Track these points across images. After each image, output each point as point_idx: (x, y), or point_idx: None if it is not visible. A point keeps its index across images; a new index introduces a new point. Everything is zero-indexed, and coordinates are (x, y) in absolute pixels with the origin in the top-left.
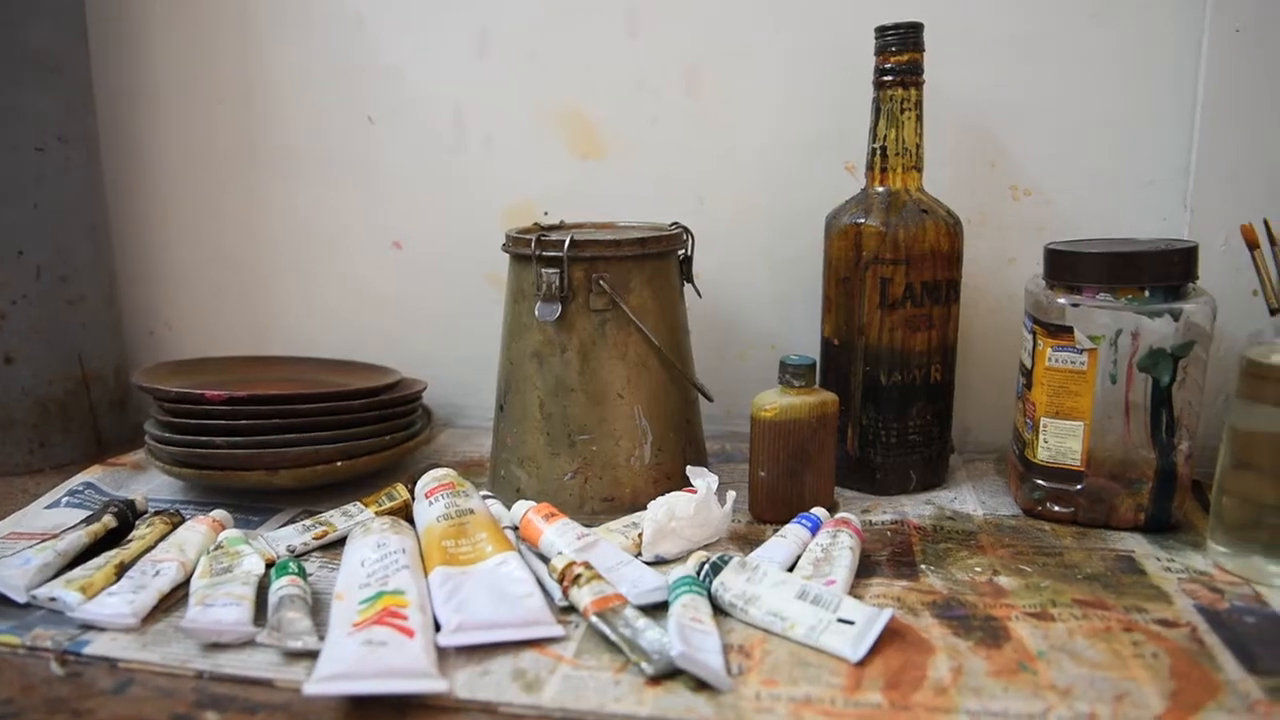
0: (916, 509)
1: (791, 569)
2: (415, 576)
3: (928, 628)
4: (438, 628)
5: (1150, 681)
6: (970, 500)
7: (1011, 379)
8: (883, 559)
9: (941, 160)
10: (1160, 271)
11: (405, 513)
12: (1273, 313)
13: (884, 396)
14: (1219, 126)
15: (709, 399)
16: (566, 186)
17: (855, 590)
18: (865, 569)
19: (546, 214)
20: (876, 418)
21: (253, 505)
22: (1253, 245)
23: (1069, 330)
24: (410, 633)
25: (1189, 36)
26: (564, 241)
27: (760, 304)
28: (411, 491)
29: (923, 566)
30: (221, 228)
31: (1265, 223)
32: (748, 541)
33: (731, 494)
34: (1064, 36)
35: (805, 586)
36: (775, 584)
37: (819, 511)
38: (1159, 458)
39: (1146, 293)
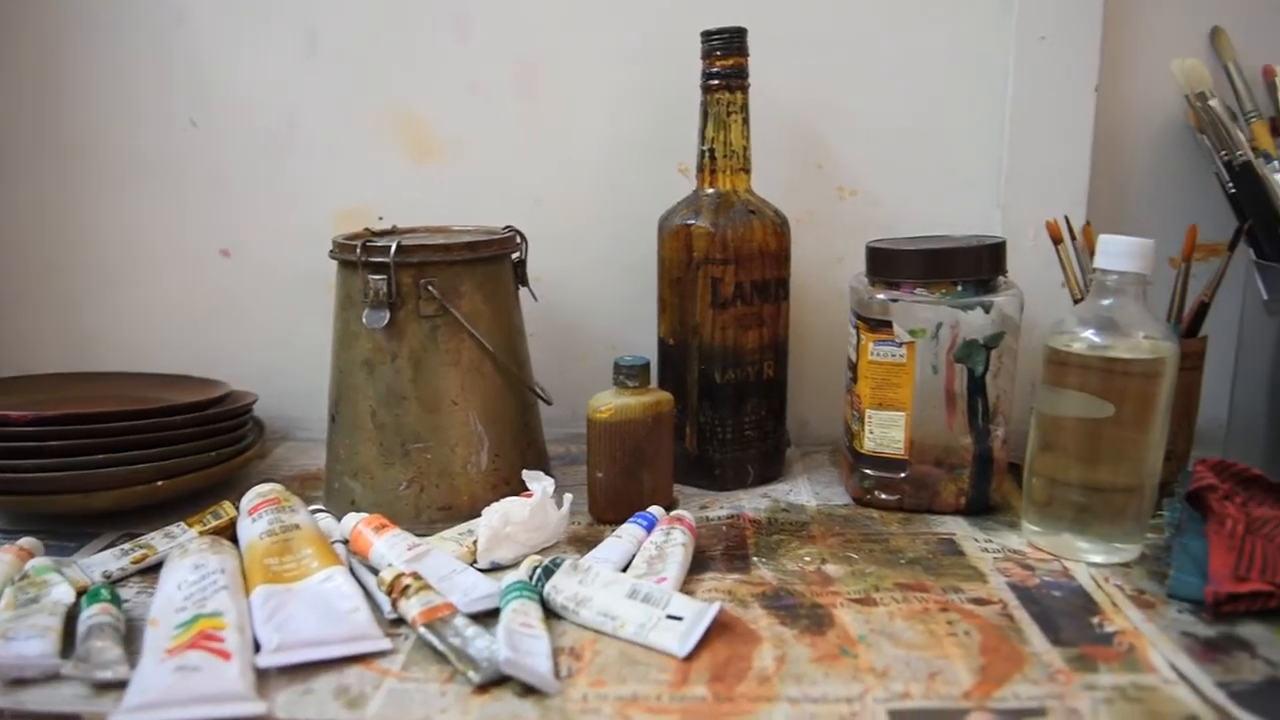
0: (753, 503)
1: (627, 568)
2: (235, 597)
3: (756, 619)
4: (258, 648)
5: (961, 658)
6: (805, 492)
7: (844, 373)
8: (717, 553)
9: (771, 161)
10: (971, 267)
11: (231, 531)
12: (1076, 302)
13: (719, 394)
14: (1026, 129)
15: (548, 402)
16: (402, 191)
17: (688, 586)
18: (700, 564)
19: (381, 219)
20: (713, 415)
21: (70, 531)
22: (1057, 240)
23: (888, 325)
24: (227, 655)
25: (1000, 43)
26: (390, 247)
27: (600, 306)
28: (238, 509)
29: (755, 559)
30: (35, 237)
31: (1066, 219)
32: (587, 543)
33: (569, 496)
34: (887, 41)
35: (636, 585)
36: (607, 584)
37: (656, 510)
38: (976, 443)
39: (959, 287)
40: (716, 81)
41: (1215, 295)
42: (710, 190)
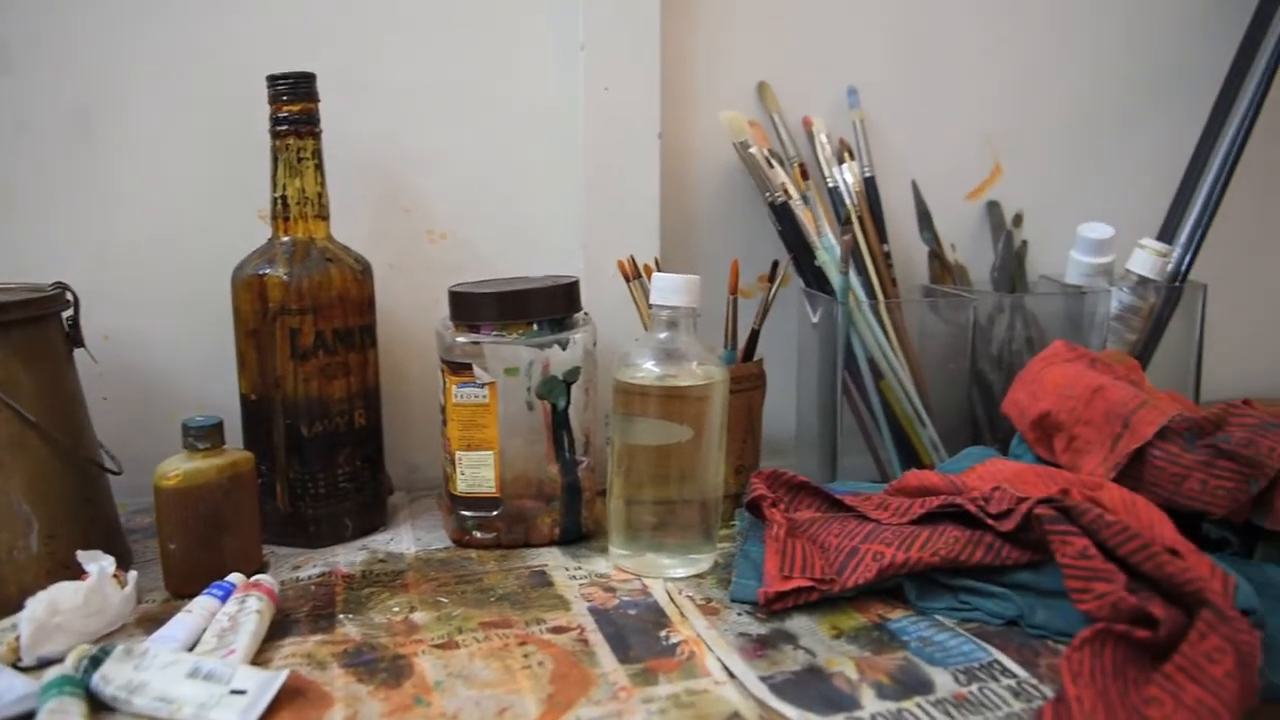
0: (350, 556)
1: (196, 645)
2: None
3: (332, 679)
4: None
5: (532, 690)
6: (407, 539)
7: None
8: (302, 615)
9: (357, 207)
10: (546, 306)
11: None
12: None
13: (308, 448)
14: (600, 173)
15: (114, 472)
16: None
17: (264, 654)
18: (281, 629)
19: None
20: (303, 470)
21: None
22: (627, 278)
23: (468, 367)
24: None
25: (572, 92)
26: None
27: (184, 364)
28: None
29: (341, 616)
30: None
31: (632, 259)
32: (160, 622)
33: (133, 574)
34: (470, 87)
35: (199, 663)
36: (165, 666)
37: (235, 577)
38: (565, 475)
39: (536, 326)
40: (285, 127)
41: (764, 322)
42: (286, 238)
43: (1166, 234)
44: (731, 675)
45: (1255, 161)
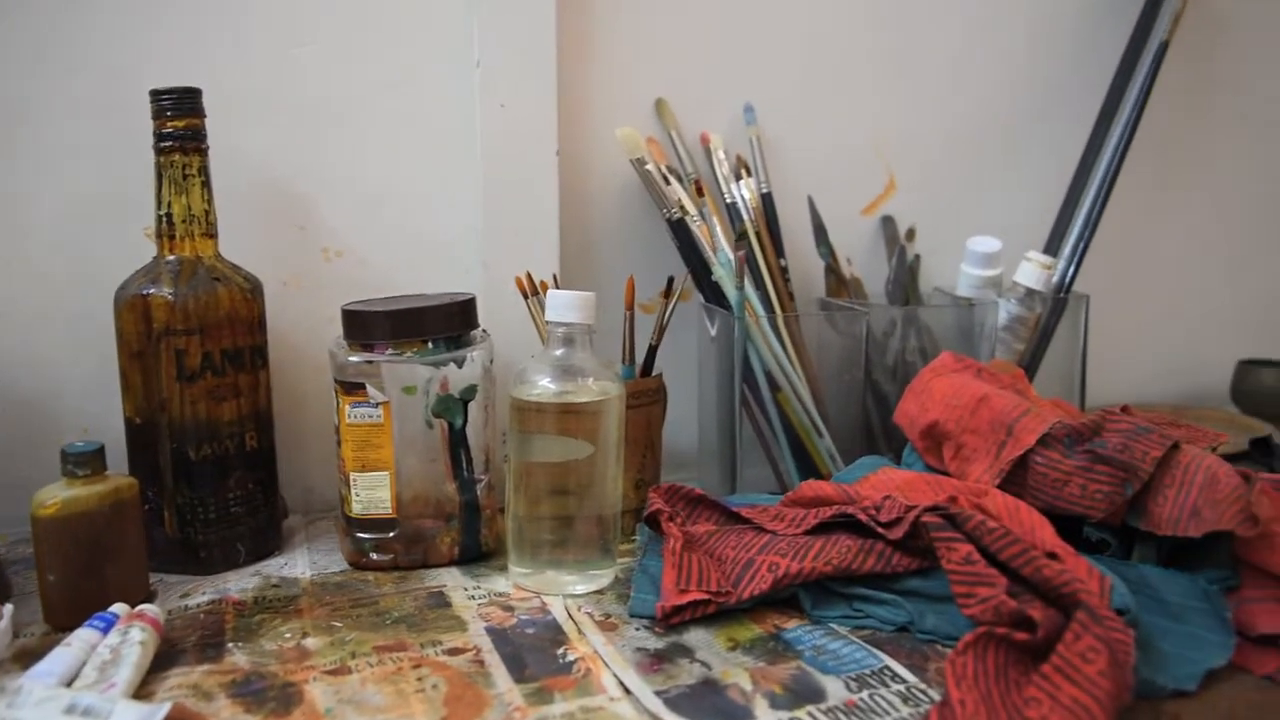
0: (242, 583)
1: (75, 679)
2: None
3: (219, 710)
4: None
5: (425, 714)
6: (302, 563)
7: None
8: (189, 645)
9: (247, 225)
10: (441, 324)
11: None
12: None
13: (197, 472)
14: (498, 190)
15: None
16: None
17: (148, 686)
18: (167, 660)
19: None
20: (192, 495)
21: None
22: (524, 294)
23: (362, 386)
24: None
25: (468, 109)
26: None
27: (68, 388)
28: None
29: (231, 645)
30: None
31: (529, 275)
32: (37, 656)
33: (8, 607)
34: (365, 104)
35: (76, 699)
36: (40, 702)
37: (118, 607)
38: (463, 493)
39: (430, 344)
40: (169, 143)
41: (662, 337)
42: (171, 257)
43: (1052, 247)
44: (627, 691)
45: (1134, 178)
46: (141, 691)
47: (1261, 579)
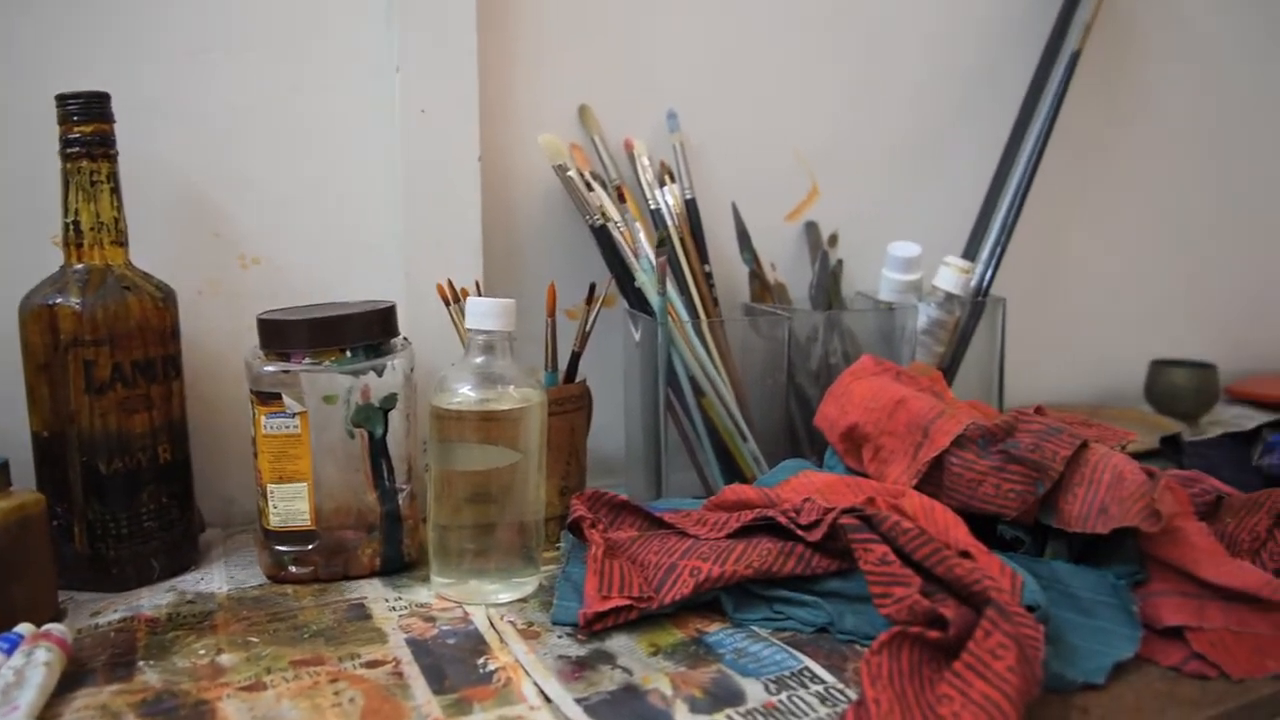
0: (156, 599)
1: None
2: None
3: None
4: None
5: None
6: (219, 578)
7: None
8: (99, 664)
9: (161, 232)
10: (361, 332)
11: None
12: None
13: (108, 486)
14: (419, 196)
15: None
16: None
17: (54, 708)
18: (75, 680)
19: None
20: (103, 510)
21: None
22: (446, 301)
23: (278, 396)
24: None
25: (388, 114)
26: None
27: None
28: None
29: (142, 663)
30: None
31: (450, 282)
32: None
33: None
34: (283, 108)
35: None
36: None
37: (23, 627)
38: (384, 503)
39: (348, 353)
40: (76, 149)
41: (586, 344)
42: (79, 266)
43: (970, 252)
44: (548, 699)
45: (1049, 183)
46: (46, 714)
47: (1167, 573)
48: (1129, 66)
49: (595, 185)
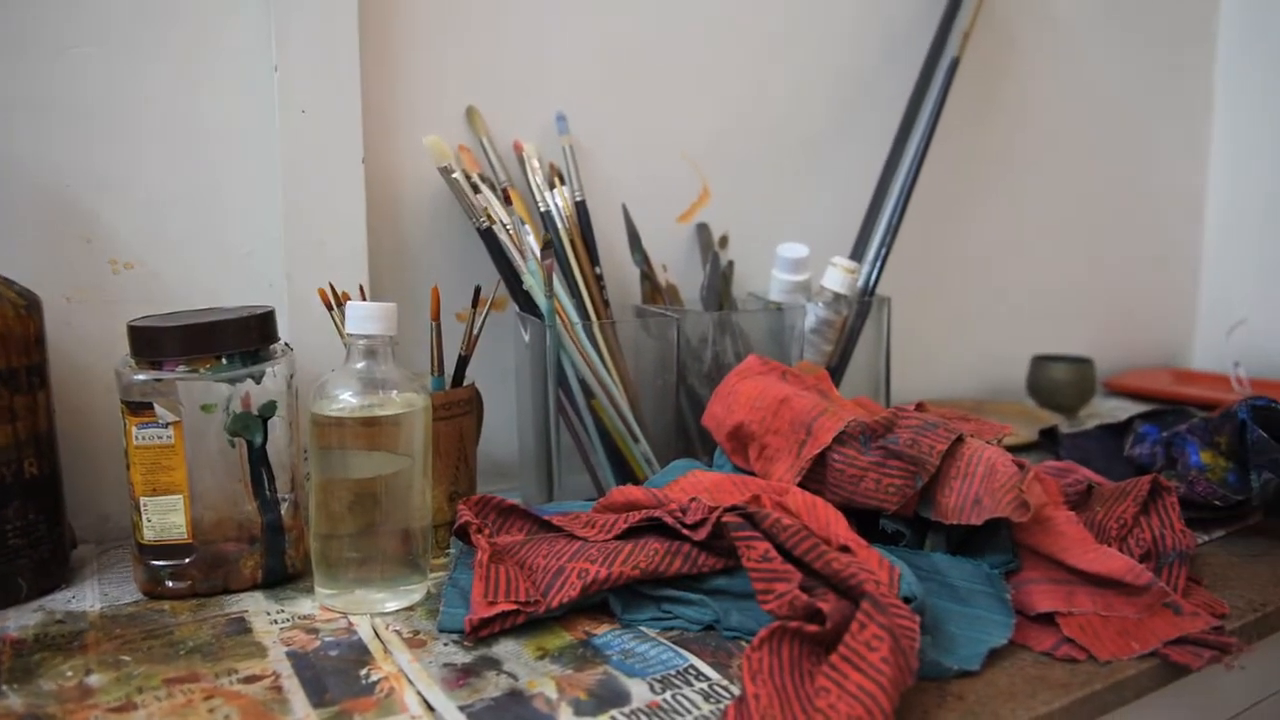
0: (22, 620)
1: None
2: None
3: None
4: None
5: None
6: (92, 596)
7: None
8: None
9: (26, 238)
10: (237, 339)
11: None
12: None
13: None
14: (300, 199)
15: None
16: None
17: None
18: None
19: None
20: None
21: None
22: (328, 306)
23: (149, 406)
24: None
25: (267, 115)
26: None
27: None
28: None
29: (4, 687)
30: None
31: (332, 287)
32: None
33: None
34: (155, 109)
35: None
36: None
37: None
38: (265, 514)
39: (224, 360)
40: None
41: (474, 348)
42: None
43: (857, 252)
44: (430, 708)
45: (932, 185)
46: None
47: (1038, 561)
48: (1009, 71)
49: (483, 187)
